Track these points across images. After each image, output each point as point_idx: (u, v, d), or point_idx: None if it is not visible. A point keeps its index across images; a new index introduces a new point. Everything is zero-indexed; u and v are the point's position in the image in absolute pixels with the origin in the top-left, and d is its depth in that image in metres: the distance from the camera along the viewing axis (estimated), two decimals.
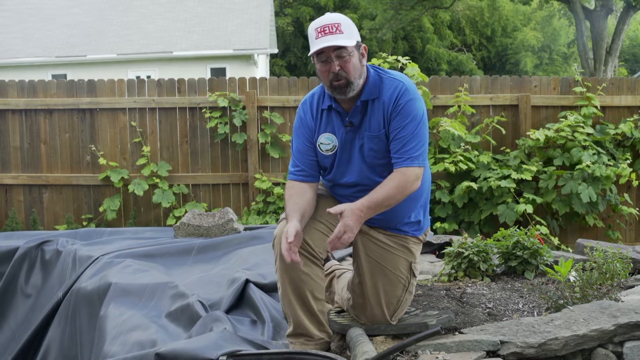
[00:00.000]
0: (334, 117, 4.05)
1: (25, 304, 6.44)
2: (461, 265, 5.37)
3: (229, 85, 9.98)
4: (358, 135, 3.99)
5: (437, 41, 38.59)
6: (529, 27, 41.84)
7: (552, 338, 3.80)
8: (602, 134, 9.48)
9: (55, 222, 10.01)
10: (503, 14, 40.35)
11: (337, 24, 3.83)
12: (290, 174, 4.15)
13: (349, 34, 3.85)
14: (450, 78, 10.03)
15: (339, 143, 4.03)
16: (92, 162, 9.99)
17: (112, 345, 4.71)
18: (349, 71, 3.85)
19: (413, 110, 3.89)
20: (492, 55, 42.01)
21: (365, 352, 3.71)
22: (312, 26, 3.87)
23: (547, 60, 42.14)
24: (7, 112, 10.02)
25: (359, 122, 3.98)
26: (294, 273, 3.88)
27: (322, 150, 4.08)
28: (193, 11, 27.25)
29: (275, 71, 35.21)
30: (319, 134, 4.09)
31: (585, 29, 27.71)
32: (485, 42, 41.77)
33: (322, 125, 4.09)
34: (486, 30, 40.72)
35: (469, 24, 40.00)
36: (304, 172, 4.10)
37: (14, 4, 27.63)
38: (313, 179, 4.11)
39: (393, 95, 3.91)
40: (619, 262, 4.90)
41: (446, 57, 37.86)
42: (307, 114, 4.15)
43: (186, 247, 6.33)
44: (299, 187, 4.05)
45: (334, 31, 3.81)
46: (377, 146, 3.95)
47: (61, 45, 24.75)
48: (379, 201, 3.81)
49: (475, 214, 9.22)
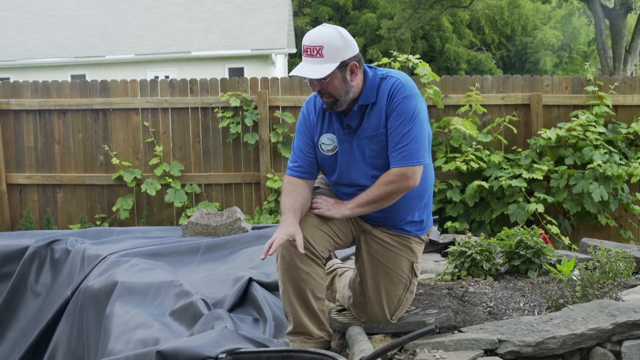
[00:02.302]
0: (334, 120, 4.10)
1: (34, 303, 6.50)
2: (464, 265, 5.38)
3: (240, 85, 10.01)
4: (356, 138, 4.02)
5: (457, 40, 38.50)
6: (549, 26, 41.62)
7: (549, 337, 3.82)
8: (614, 133, 9.43)
9: (69, 221, 10.08)
10: (523, 12, 40.18)
11: (319, 47, 3.84)
12: (288, 169, 4.20)
13: (331, 56, 3.85)
14: (462, 78, 10.01)
15: (339, 145, 4.07)
16: (105, 162, 10.05)
17: (117, 343, 4.76)
18: (331, 92, 3.90)
19: (408, 108, 3.90)
20: (512, 54, 41.87)
21: (362, 350, 3.74)
22: (304, 40, 3.92)
23: (566, 59, 41.93)
24: (22, 112, 10.10)
25: (357, 125, 4.01)
26: (295, 273, 3.91)
27: (323, 151, 4.11)
28: (211, 11, 27.33)
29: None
30: (321, 134, 4.13)
31: (605, 28, 27.54)
32: (505, 41, 41.64)
33: (324, 125, 4.13)
34: (506, 29, 40.59)
35: (488, 22, 39.87)
36: (302, 169, 4.15)
37: (33, 5, 27.83)
38: (310, 176, 4.16)
39: (389, 93, 3.94)
40: (622, 261, 4.90)
41: (465, 57, 37.76)
42: (310, 113, 4.19)
43: (193, 246, 6.36)
44: (297, 184, 4.10)
45: (314, 54, 3.84)
46: (377, 145, 3.98)
47: (80, 46, 24.91)
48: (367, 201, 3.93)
49: (487, 213, 9.20)
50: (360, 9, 37.86)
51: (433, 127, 9.44)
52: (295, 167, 4.16)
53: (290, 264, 3.88)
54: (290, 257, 3.88)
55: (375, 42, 35.75)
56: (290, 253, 3.87)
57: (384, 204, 3.95)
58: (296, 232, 3.81)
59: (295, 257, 3.87)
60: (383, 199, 3.92)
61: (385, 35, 33.83)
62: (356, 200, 3.96)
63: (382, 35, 34.14)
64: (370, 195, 3.93)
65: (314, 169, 4.19)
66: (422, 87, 9.42)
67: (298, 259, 3.87)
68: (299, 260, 3.87)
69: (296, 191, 4.06)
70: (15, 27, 26.22)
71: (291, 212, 3.93)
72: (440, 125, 9.48)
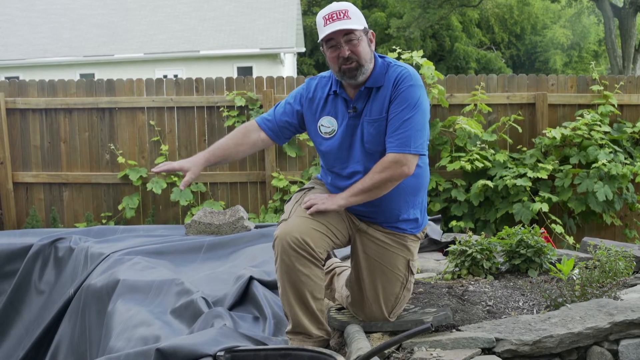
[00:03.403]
0: (338, 103, 4.12)
1: (38, 300, 6.53)
2: (464, 263, 5.39)
3: (246, 84, 10.03)
4: (360, 121, 4.05)
5: (466, 39, 38.50)
6: (559, 25, 41.57)
7: (546, 336, 3.82)
8: (619, 133, 9.42)
9: (75, 220, 10.12)
10: (533, 11, 40.15)
11: (344, 10, 3.93)
12: (259, 117, 4.34)
13: (357, 19, 3.95)
14: (467, 77, 10.00)
15: (341, 129, 4.08)
16: (111, 160, 10.09)
17: (118, 340, 4.79)
18: (359, 54, 3.94)
19: (412, 97, 3.94)
20: (522, 53, 41.83)
21: (359, 348, 3.75)
22: (320, 14, 3.96)
23: (576, 58, 41.84)
24: (28, 111, 10.14)
25: (362, 108, 4.04)
26: (293, 275, 3.91)
27: (322, 133, 4.15)
28: (220, 10, 27.37)
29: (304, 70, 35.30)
30: (321, 116, 4.16)
31: (614, 27, 27.48)
32: (515, 40, 41.61)
33: (325, 108, 4.16)
34: (515, 28, 40.55)
35: (498, 21, 39.85)
36: (269, 124, 4.27)
37: (43, 4, 27.92)
38: (272, 133, 4.28)
39: (395, 79, 3.98)
40: (622, 261, 4.90)
41: (475, 56, 37.76)
42: (310, 90, 4.25)
43: (196, 245, 6.39)
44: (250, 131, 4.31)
45: (341, 17, 3.91)
46: (376, 131, 3.99)
47: (89, 45, 24.98)
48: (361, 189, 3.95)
49: (491, 212, 9.20)
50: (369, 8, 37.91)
51: (438, 126, 9.44)
52: (265, 120, 4.29)
53: (289, 266, 3.89)
54: (290, 260, 3.88)
55: (384, 41, 35.74)
56: (289, 255, 3.87)
57: (379, 193, 3.95)
58: (188, 168, 4.09)
59: (294, 260, 3.87)
60: (377, 187, 3.92)
61: (394, 34, 33.85)
62: (350, 190, 3.97)
63: (392, 34, 34.16)
64: (364, 183, 3.94)
65: (279, 132, 4.28)
66: (428, 87, 9.42)
67: (297, 261, 3.87)
68: (298, 262, 3.87)
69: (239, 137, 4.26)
70: (24, 26, 26.32)
71: (209, 152, 4.19)
72: (445, 124, 9.48)
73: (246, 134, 4.25)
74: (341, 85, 4.09)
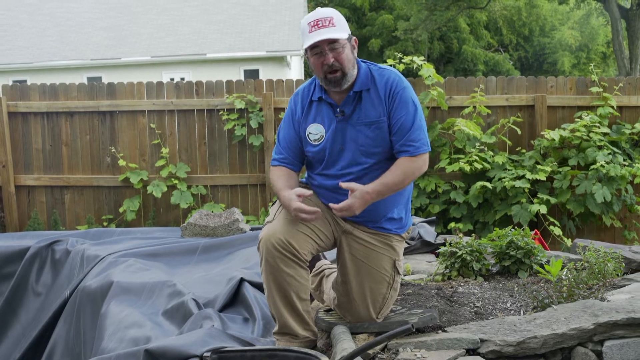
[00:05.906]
0: (324, 109, 4.16)
1: (35, 302, 6.59)
2: (455, 265, 5.41)
3: (246, 87, 10.07)
4: (350, 124, 4.08)
5: (474, 42, 38.41)
6: (567, 26, 41.47)
7: (530, 337, 3.83)
8: (618, 134, 9.42)
9: (76, 222, 10.17)
10: (541, 13, 39.99)
11: (329, 17, 3.97)
12: (274, 160, 4.30)
13: (341, 27, 4.00)
14: (466, 79, 10.00)
15: (329, 134, 4.12)
16: (112, 163, 10.14)
17: (110, 341, 4.84)
18: (343, 62, 3.98)
19: (409, 100, 4.04)
20: (530, 55, 41.73)
21: (344, 349, 3.78)
22: (305, 21, 4.00)
23: (584, 59, 41.68)
24: (30, 114, 10.20)
25: (351, 111, 4.08)
26: (278, 275, 3.95)
27: (310, 140, 4.18)
28: (226, 13, 27.41)
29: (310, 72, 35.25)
30: (308, 124, 4.20)
31: (622, 28, 27.43)
32: (523, 42, 41.52)
33: (310, 115, 4.20)
34: (523, 30, 40.45)
35: (506, 23, 39.74)
36: (288, 160, 4.25)
37: (50, 7, 28.02)
38: (295, 167, 4.27)
39: (387, 84, 4.05)
40: (610, 262, 4.91)
41: (483, 58, 37.68)
42: (297, 105, 4.28)
43: (191, 247, 6.44)
44: (285, 171, 4.23)
45: (327, 24, 3.95)
46: (374, 133, 4.05)
47: (96, 48, 25.03)
48: (388, 186, 3.97)
49: (490, 214, 9.21)
50: (377, 11, 37.83)
51: (437, 128, 9.47)
52: (281, 159, 4.26)
53: (274, 267, 3.94)
54: (274, 261, 3.93)
55: (392, 43, 35.69)
56: (273, 257, 3.92)
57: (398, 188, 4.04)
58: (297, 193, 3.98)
59: (278, 261, 3.92)
60: (401, 183, 4.01)
61: (401, 36, 33.79)
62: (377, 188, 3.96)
63: (399, 36, 34.10)
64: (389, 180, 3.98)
65: (299, 160, 4.28)
66: (426, 89, 9.45)
67: (282, 262, 3.92)
68: (282, 263, 3.92)
69: (286, 176, 4.20)
70: (31, 29, 26.40)
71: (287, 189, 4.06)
72: (444, 126, 9.50)
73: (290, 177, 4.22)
74: (325, 91, 4.13)
